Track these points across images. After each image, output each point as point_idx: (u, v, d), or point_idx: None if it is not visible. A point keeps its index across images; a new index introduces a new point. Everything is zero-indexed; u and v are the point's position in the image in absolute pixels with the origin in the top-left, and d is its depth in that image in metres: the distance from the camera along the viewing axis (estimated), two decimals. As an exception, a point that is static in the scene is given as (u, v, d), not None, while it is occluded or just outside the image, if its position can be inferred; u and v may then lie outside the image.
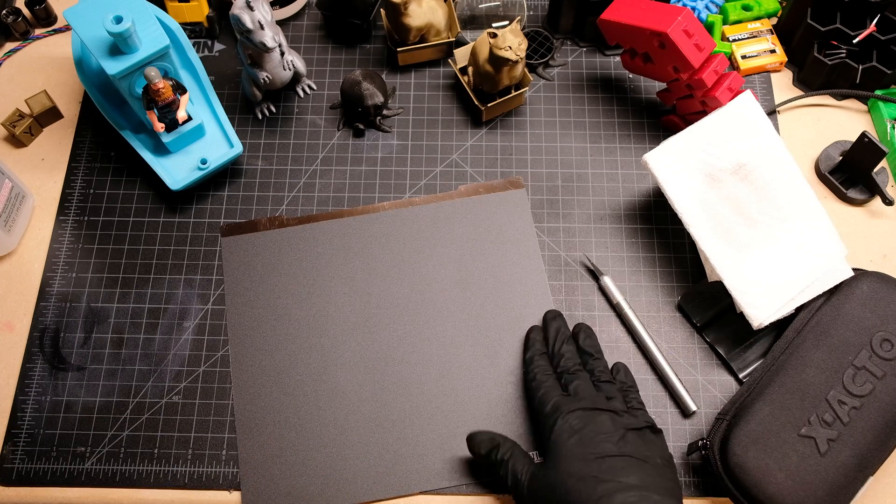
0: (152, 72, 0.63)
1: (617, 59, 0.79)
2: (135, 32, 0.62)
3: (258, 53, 0.69)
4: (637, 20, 0.68)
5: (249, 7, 0.65)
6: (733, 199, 0.64)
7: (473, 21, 0.80)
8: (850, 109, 0.77)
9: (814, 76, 0.76)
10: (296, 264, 0.69)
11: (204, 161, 0.70)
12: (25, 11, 0.82)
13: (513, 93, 0.74)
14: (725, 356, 0.65)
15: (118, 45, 0.63)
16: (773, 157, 0.64)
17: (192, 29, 0.80)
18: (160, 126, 0.68)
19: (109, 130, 0.75)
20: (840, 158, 0.72)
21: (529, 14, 0.82)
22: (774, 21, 0.81)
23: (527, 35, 0.77)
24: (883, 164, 0.73)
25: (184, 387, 0.65)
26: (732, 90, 0.69)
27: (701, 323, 0.67)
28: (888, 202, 0.70)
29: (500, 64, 0.69)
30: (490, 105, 0.73)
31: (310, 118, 0.77)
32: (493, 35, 0.68)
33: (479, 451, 0.59)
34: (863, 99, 0.76)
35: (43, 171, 0.75)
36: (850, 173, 0.72)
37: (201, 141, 0.73)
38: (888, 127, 0.73)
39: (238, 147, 0.71)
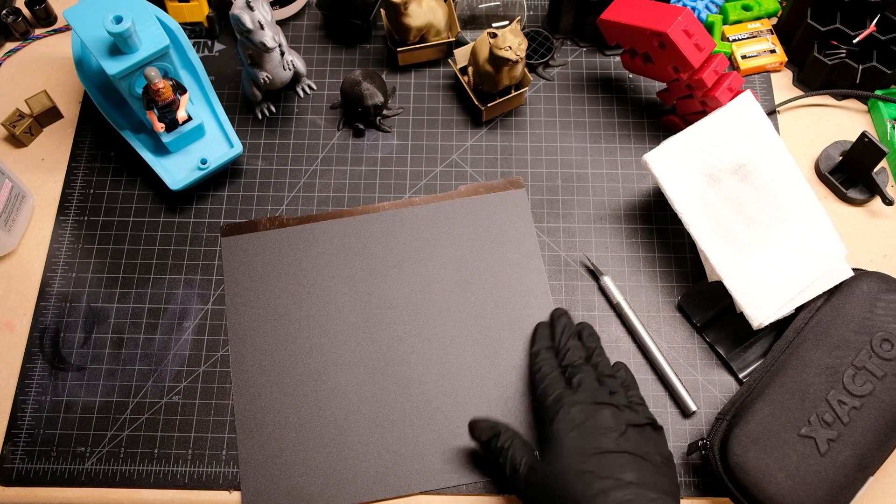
0: (152, 72, 0.63)
1: (617, 59, 0.79)
2: (135, 32, 0.62)
3: (258, 53, 0.69)
4: (637, 20, 0.68)
5: (249, 7, 0.65)
6: (733, 199, 0.64)
7: (473, 21, 0.80)
8: (850, 109, 0.77)
9: (814, 76, 0.76)
10: (296, 264, 0.69)
11: (204, 161, 0.70)
12: (25, 11, 0.82)
13: (513, 93, 0.74)
14: (725, 356, 0.65)
15: (118, 45, 0.63)
16: (773, 157, 0.64)
17: (192, 29, 0.80)
18: (160, 126, 0.68)
19: (109, 130, 0.75)
20: (840, 158, 0.72)
21: (529, 14, 0.82)
22: (774, 21, 0.81)
23: (527, 35, 0.77)
24: (883, 164, 0.73)
25: (184, 387, 0.65)
26: (732, 90, 0.69)
27: (701, 323, 0.67)
28: (888, 202, 0.70)
29: (500, 64, 0.69)
30: (490, 105, 0.73)
31: (310, 118, 0.77)
32: (493, 35, 0.68)
33: (480, 438, 0.59)
34: (863, 99, 0.76)
35: (43, 171, 0.75)
36: (850, 173, 0.72)
37: (201, 141, 0.73)
38: (888, 127, 0.73)
39: (238, 147, 0.71)
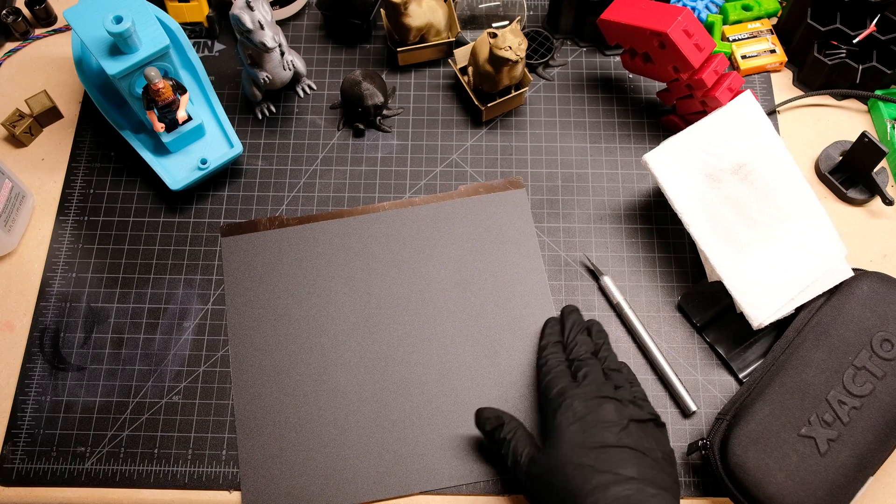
0: (152, 72, 0.63)
1: (617, 59, 0.79)
2: (135, 32, 0.62)
3: (258, 53, 0.69)
4: (637, 20, 0.68)
5: (249, 7, 0.65)
6: (733, 199, 0.64)
7: (473, 21, 0.80)
8: (850, 109, 0.77)
9: (814, 76, 0.76)
10: (296, 264, 0.69)
11: (204, 161, 0.70)
12: (25, 11, 0.82)
13: (513, 93, 0.74)
14: (725, 356, 0.65)
15: (118, 45, 0.63)
16: (773, 157, 0.64)
17: (192, 29, 0.80)
18: (160, 126, 0.68)
19: (109, 130, 0.75)
20: (840, 158, 0.72)
21: (529, 14, 0.82)
22: (774, 21, 0.81)
23: (527, 35, 0.77)
24: (883, 164, 0.73)
25: (184, 387, 0.65)
26: (732, 90, 0.69)
27: (701, 323, 0.67)
28: (888, 202, 0.70)
29: (500, 64, 0.69)
30: (490, 105, 0.73)
31: (310, 118, 0.77)
32: (493, 35, 0.68)
33: (484, 428, 0.60)
34: (863, 99, 0.76)
35: (43, 171, 0.75)
36: (850, 173, 0.72)
37: (201, 141, 0.73)
38: (888, 127, 0.73)
39: (238, 147, 0.71)
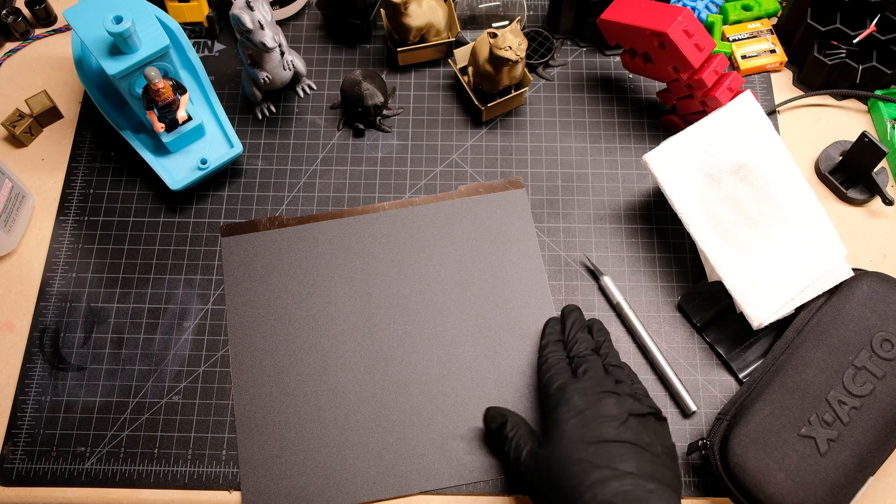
0: (152, 72, 0.63)
1: (617, 59, 0.79)
2: (135, 32, 0.62)
3: (258, 53, 0.69)
4: (637, 20, 0.67)
5: (249, 7, 0.65)
6: (733, 199, 0.64)
7: (473, 21, 0.80)
8: (850, 109, 0.77)
9: (814, 76, 0.76)
10: (296, 264, 0.69)
11: (204, 161, 0.70)
12: (25, 11, 0.82)
13: (513, 93, 0.74)
14: (725, 356, 0.65)
15: (118, 45, 0.63)
16: (773, 157, 0.64)
17: (192, 29, 0.80)
18: (160, 126, 0.68)
19: (109, 130, 0.75)
20: (840, 158, 0.72)
21: (529, 14, 0.82)
22: (774, 21, 0.81)
23: (527, 35, 0.77)
24: (883, 164, 0.73)
25: (184, 387, 0.65)
26: (732, 90, 0.69)
27: (701, 323, 0.67)
28: (888, 202, 0.70)
29: (500, 64, 0.69)
30: (490, 105, 0.73)
31: (310, 118, 0.77)
32: (493, 35, 0.68)
33: (490, 426, 0.61)
34: (863, 99, 0.76)
35: (43, 171, 0.75)
36: (850, 173, 0.72)
37: (201, 141, 0.73)
38: (888, 127, 0.73)
39: (238, 147, 0.71)
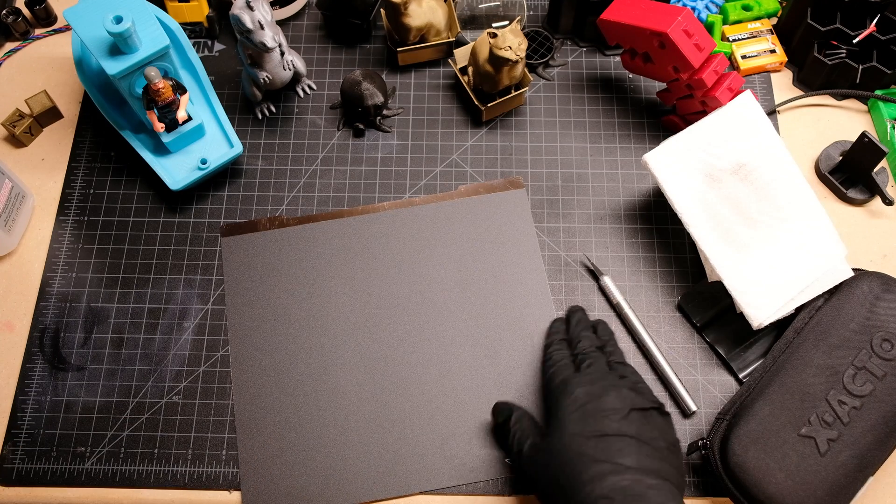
0: (152, 72, 0.63)
1: (617, 59, 0.79)
2: (135, 32, 0.62)
3: (258, 53, 0.69)
4: (637, 20, 0.68)
5: (249, 7, 0.65)
6: (733, 199, 0.64)
7: (473, 21, 0.80)
8: (850, 109, 0.77)
9: (814, 76, 0.76)
10: (296, 264, 0.69)
11: (204, 161, 0.70)
12: (25, 11, 0.82)
13: (513, 93, 0.74)
14: (725, 356, 0.65)
15: (118, 45, 0.63)
16: (773, 157, 0.64)
17: (192, 29, 0.80)
18: (160, 126, 0.68)
19: (109, 130, 0.75)
20: (840, 158, 0.72)
21: (529, 14, 0.82)
22: (774, 21, 0.81)
23: (527, 35, 0.77)
24: (883, 164, 0.73)
25: (184, 387, 0.65)
26: (732, 90, 0.69)
27: (701, 323, 0.67)
28: (888, 202, 0.70)
29: (500, 64, 0.69)
30: (490, 105, 0.73)
31: (310, 118, 0.77)
32: (493, 35, 0.68)
33: (497, 420, 0.61)
34: (863, 99, 0.76)
35: (43, 171, 0.75)
36: (850, 173, 0.72)
37: (201, 141, 0.73)
38: (888, 127, 0.73)
39: (238, 147, 0.71)
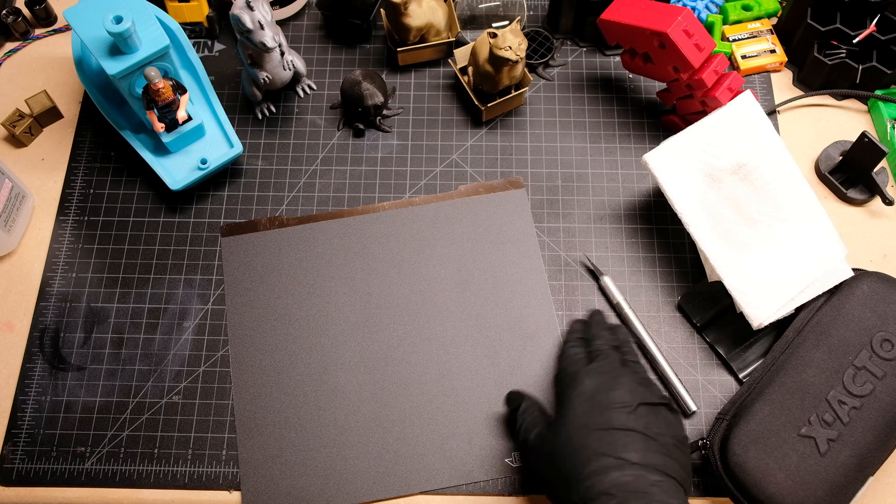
0: (152, 72, 0.63)
1: (617, 59, 0.79)
2: (135, 32, 0.62)
3: (258, 53, 0.69)
4: (637, 20, 0.67)
5: (249, 7, 0.65)
6: (733, 199, 0.64)
7: (473, 21, 0.80)
8: (850, 109, 0.77)
9: (814, 76, 0.76)
10: (296, 264, 0.69)
11: (204, 161, 0.70)
12: (25, 11, 0.82)
13: (513, 93, 0.74)
14: (725, 356, 0.65)
15: (118, 45, 0.63)
16: (773, 157, 0.64)
17: (192, 29, 0.80)
18: (160, 126, 0.68)
19: (109, 130, 0.75)
20: (840, 158, 0.72)
21: (529, 14, 0.82)
22: (774, 21, 0.81)
23: (527, 35, 0.77)
24: (883, 164, 0.73)
25: (184, 387, 0.65)
26: (732, 90, 0.69)
27: (701, 323, 0.67)
28: (888, 202, 0.70)
29: (500, 64, 0.69)
30: (490, 105, 0.73)
31: (310, 118, 0.77)
32: (493, 35, 0.68)
33: (509, 407, 0.61)
34: (863, 99, 0.76)
35: (43, 171, 0.75)
36: (850, 173, 0.72)
37: (201, 141, 0.73)
38: (888, 127, 0.73)
39: (238, 147, 0.71)
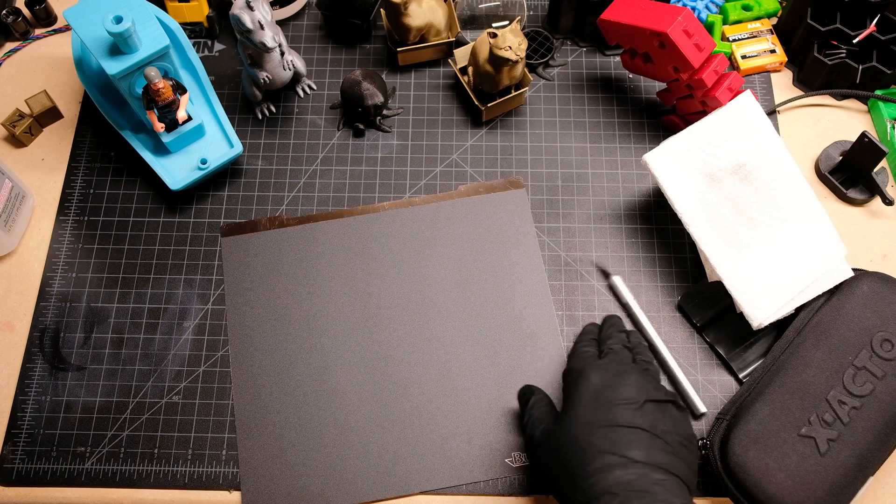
0: (152, 72, 0.63)
1: (617, 59, 0.79)
2: (135, 32, 0.62)
3: (258, 53, 0.69)
4: (637, 20, 0.67)
5: (249, 7, 0.65)
6: (733, 199, 0.64)
7: (473, 21, 0.80)
8: (850, 109, 0.77)
9: (814, 76, 0.76)
10: (296, 264, 0.69)
11: (204, 161, 0.70)
12: (25, 11, 0.82)
13: (513, 93, 0.74)
14: (725, 356, 0.65)
15: (118, 45, 0.63)
16: (773, 157, 0.64)
17: (192, 29, 0.80)
18: (160, 126, 0.68)
19: (109, 130, 0.75)
20: (840, 158, 0.72)
21: (529, 14, 0.82)
22: (774, 21, 0.81)
23: (527, 35, 0.77)
24: (883, 164, 0.73)
25: (184, 387, 0.65)
26: (732, 90, 0.69)
27: (701, 323, 0.67)
28: (888, 202, 0.70)
29: (500, 64, 0.69)
30: (490, 105, 0.73)
31: (310, 118, 0.77)
32: (493, 35, 0.68)
33: (520, 402, 0.60)
34: (863, 99, 0.76)
35: (43, 171, 0.75)
36: (850, 173, 0.72)
37: (201, 141, 0.73)
38: (888, 127, 0.73)
39: (238, 147, 0.71)
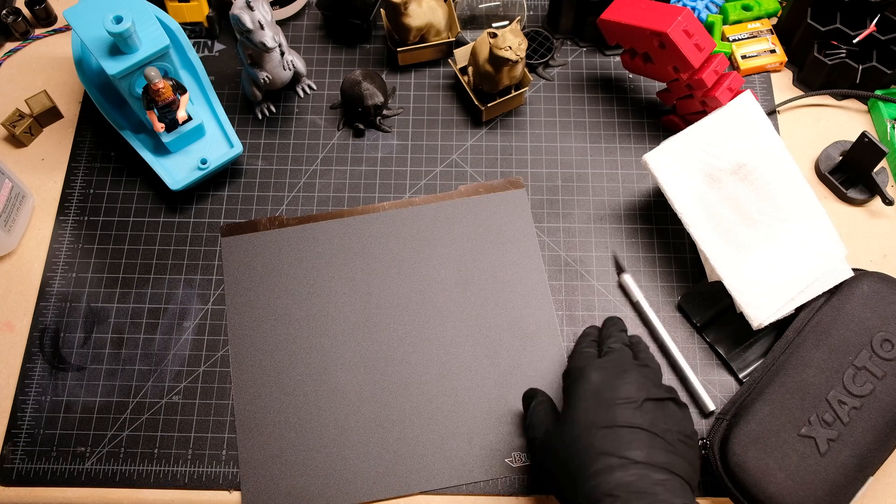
0: (152, 72, 0.63)
1: (617, 59, 0.79)
2: (135, 32, 0.62)
3: (258, 53, 0.69)
4: (637, 20, 0.68)
5: (249, 7, 0.65)
6: (733, 199, 0.64)
7: (473, 21, 0.80)
8: (850, 109, 0.77)
9: (814, 76, 0.76)
10: (296, 264, 0.69)
11: (204, 161, 0.70)
12: (25, 11, 0.82)
13: (513, 93, 0.74)
14: (725, 356, 0.65)
15: (118, 45, 0.63)
16: (773, 157, 0.64)
17: (192, 29, 0.80)
18: (160, 126, 0.68)
19: (109, 130, 0.75)
20: (840, 158, 0.72)
21: (529, 14, 0.82)
22: (774, 21, 0.81)
23: (527, 35, 0.77)
24: (883, 164, 0.73)
25: (184, 387, 0.65)
26: (732, 90, 0.69)
27: (701, 323, 0.67)
28: (888, 202, 0.70)
29: (500, 64, 0.69)
30: (490, 105, 0.73)
31: (310, 118, 0.77)
32: (493, 35, 0.68)
33: (524, 405, 0.60)
34: (863, 99, 0.76)
35: (43, 171, 0.75)
36: (850, 173, 0.72)
37: (201, 141, 0.73)
38: (888, 127, 0.73)
39: (238, 147, 0.71)
